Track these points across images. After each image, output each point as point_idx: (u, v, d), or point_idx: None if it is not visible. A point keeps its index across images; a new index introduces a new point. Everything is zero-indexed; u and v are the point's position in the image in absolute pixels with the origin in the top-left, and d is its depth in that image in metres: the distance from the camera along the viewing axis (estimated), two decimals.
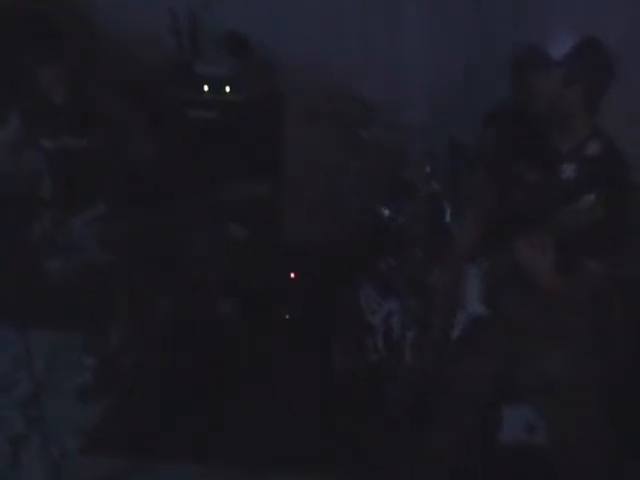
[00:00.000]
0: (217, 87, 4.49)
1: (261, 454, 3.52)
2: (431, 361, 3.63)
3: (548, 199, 3.02)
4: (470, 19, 4.44)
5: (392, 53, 4.63)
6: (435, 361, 3.57)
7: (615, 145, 3.02)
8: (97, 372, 3.82)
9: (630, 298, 3.31)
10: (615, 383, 3.14)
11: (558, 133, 3.06)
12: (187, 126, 4.51)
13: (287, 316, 4.35)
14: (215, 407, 3.76)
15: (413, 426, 3.42)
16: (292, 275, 4.49)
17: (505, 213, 3.18)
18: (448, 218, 3.82)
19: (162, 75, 4.58)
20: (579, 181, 2.99)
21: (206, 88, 4.50)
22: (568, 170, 3.02)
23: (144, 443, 3.56)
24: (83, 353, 3.89)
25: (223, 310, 4.29)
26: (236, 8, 4.58)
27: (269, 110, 4.64)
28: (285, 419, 3.71)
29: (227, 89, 4.47)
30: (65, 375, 3.82)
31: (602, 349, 3.10)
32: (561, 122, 3.03)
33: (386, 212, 4.00)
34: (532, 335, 3.01)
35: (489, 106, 3.86)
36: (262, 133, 4.56)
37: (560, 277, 2.86)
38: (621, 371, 3.31)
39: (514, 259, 2.95)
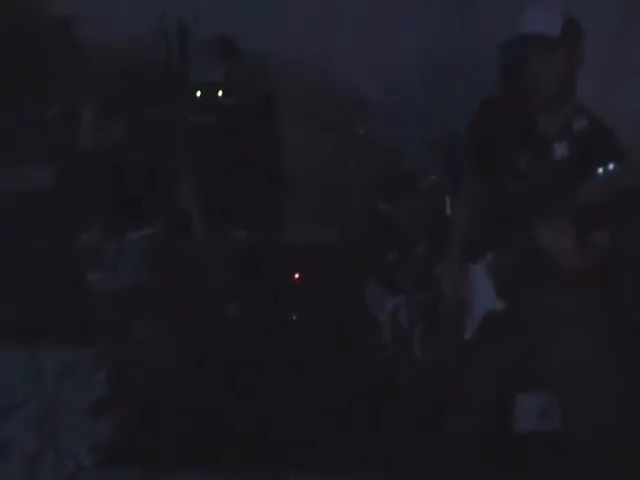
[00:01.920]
0: (210, 92, 4.49)
1: (275, 459, 3.51)
2: (441, 356, 3.62)
3: (545, 180, 3.02)
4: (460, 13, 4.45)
5: (386, 48, 4.62)
6: (446, 356, 3.56)
7: (599, 117, 3.04)
8: (109, 386, 3.82)
9: None
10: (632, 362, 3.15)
11: (543, 114, 3.07)
12: (182, 132, 4.51)
13: (294, 317, 4.35)
14: (226, 413, 3.75)
15: (426, 421, 3.42)
16: (296, 276, 4.49)
17: (504, 201, 3.18)
18: (449, 210, 3.81)
19: (154, 83, 4.58)
20: (574, 157, 2.99)
21: (199, 94, 4.50)
22: (560, 149, 3.03)
23: (159, 457, 3.55)
24: (94, 368, 3.89)
25: (230, 314, 4.28)
26: (226, 11, 4.57)
27: (263, 112, 4.64)
28: (298, 421, 3.70)
29: (220, 94, 4.47)
30: (76, 391, 3.82)
31: (618, 327, 3.11)
32: (549, 102, 3.03)
33: (387, 207, 4.00)
34: (549, 320, 3.01)
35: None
36: (258, 136, 4.56)
37: (582, 255, 2.86)
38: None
39: (528, 247, 2.95)
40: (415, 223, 3.89)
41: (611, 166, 2.69)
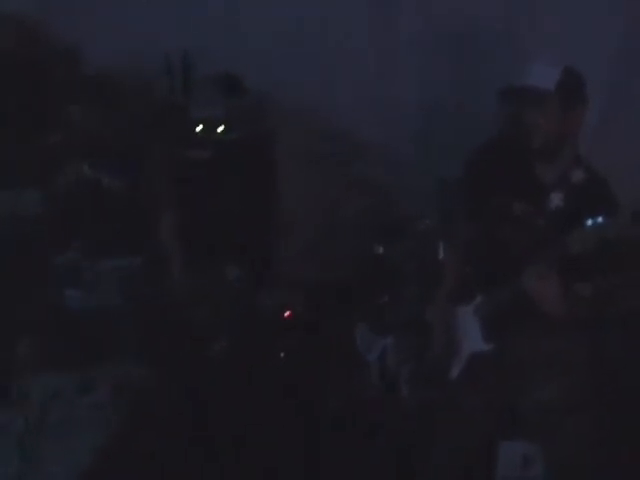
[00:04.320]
0: (210, 127, 4.53)
1: None
2: (427, 397, 3.62)
3: (538, 228, 3.05)
4: (457, 58, 4.51)
5: (383, 93, 4.67)
6: (432, 397, 3.56)
7: (597, 171, 3.08)
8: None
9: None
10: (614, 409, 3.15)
11: (542, 164, 3.12)
12: (181, 166, 4.54)
13: (282, 354, 4.34)
14: (208, 445, 3.73)
15: (409, 463, 3.41)
16: (286, 314, 4.49)
17: (495, 246, 3.21)
18: (441, 255, 3.84)
19: (155, 116, 4.62)
20: (569, 208, 3.03)
21: (199, 129, 4.54)
22: (556, 199, 3.07)
23: None
24: (80, 392, 3.88)
25: (216, 350, 4.27)
26: (230, 50, 4.63)
27: (262, 150, 4.68)
28: (281, 457, 3.68)
29: (220, 130, 4.51)
30: (61, 415, 3.80)
31: (601, 376, 3.12)
32: (548, 153, 3.08)
33: (380, 249, 4.02)
34: (534, 367, 3.03)
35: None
36: (255, 173, 4.59)
37: (565, 305, 2.89)
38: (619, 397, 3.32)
39: (515, 292, 2.97)
40: (407, 266, 3.91)
41: (600, 219, 2.74)
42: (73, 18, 4.71)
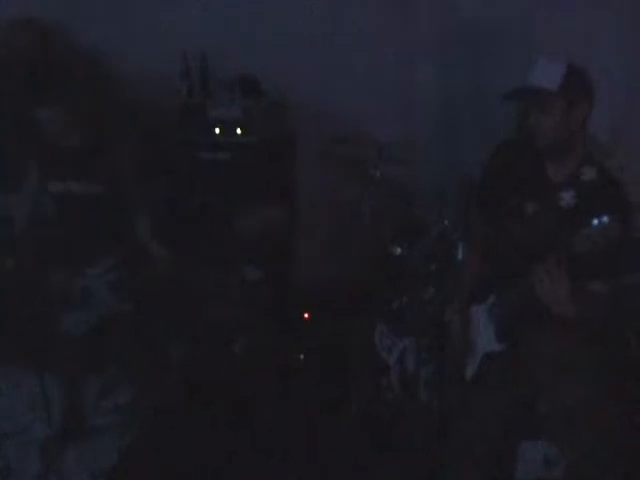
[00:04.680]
0: (229, 129, 4.54)
1: None
2: (446, 399, 3.61)
3: (550, 227, 3.05)
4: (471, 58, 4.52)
5: (403, 92, 4.68)
6: (450, 399, 3.56)
7: (606, 168, 3.07)
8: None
9: None
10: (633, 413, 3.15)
11: (552, 163, 3.11)
12: (199, 168, 4.56)
13: (301, 356, 4.35)
14: (228, 446, 3.74)
15: (429, 464, 3.41)
16: (305, 315, 4.50)
17: (509, 246, 3.21)
18: (460, 256, 3.83)
19: (174, 118, 4.64)
20: (580, 206, 3.03)
21: (217, 130, 4.55)
22: (567, 197, 3.06)
23: None
24: (100, 397, 3.90)
25: (236, 351, 4.28)
26: (248, 52, 4.64)
27: (281, 152, 4.69)
28: (302, 460, 3.69)
29: (238, 131, 4.52)
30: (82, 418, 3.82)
31: (617, 377, 3.12)
32: (556, 152, 3.08)
33: (398, 250, 4.02)
34: (548, 367, 3.02)
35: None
36: (274, 175, 4.60)
37: (575, 304, 2.88)
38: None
39: (526, 292, 2.97)
40: (426, 267, 3.90)
41: (605, 218, 2.73)
42: (92, 21, 4.73)
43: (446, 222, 3.93)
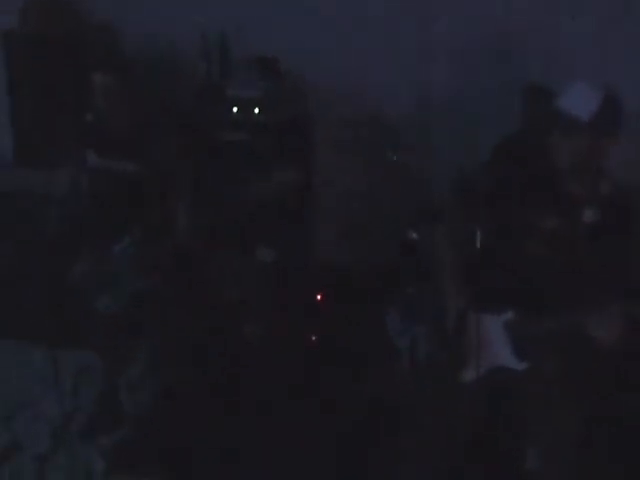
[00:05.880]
0: (246, 109, 4.53)
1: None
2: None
3: (572, 244, 3.00)
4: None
5: (421, 79, 4.64)
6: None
7: (620, 182, 3.03)
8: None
9: None
10: None
11: (573, 178, 3.04)
12: (217, 146, 4.56)
13: (313, 338, 4.35)
14: (238, 429, 3.75)
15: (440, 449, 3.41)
16: (318, 297, 4.49)
17: (528, 263, 3.13)
18: (478, 244, 3.79)
19: (193, 96, 4.64)
20: (604, 222, 2.97)
21: (235, 110, 4.55)
22: (592, 213, 3.00)
23: (172, 465, 3.56)
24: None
25: (249, 331, 4.28)
26: (267, 33, 4.62)
27: (297, 133, 4.68)
28: (312, 446, 3.69)
29: (256, 111, 4.52)
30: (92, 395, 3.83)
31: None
32: (580, 172, 3.01)
33: (415, 236, 4.00)
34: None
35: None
36: (290, 155, 4.59)
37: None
38: None
39: (570, 326, 2.92)
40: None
41: None
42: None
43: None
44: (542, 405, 3.03)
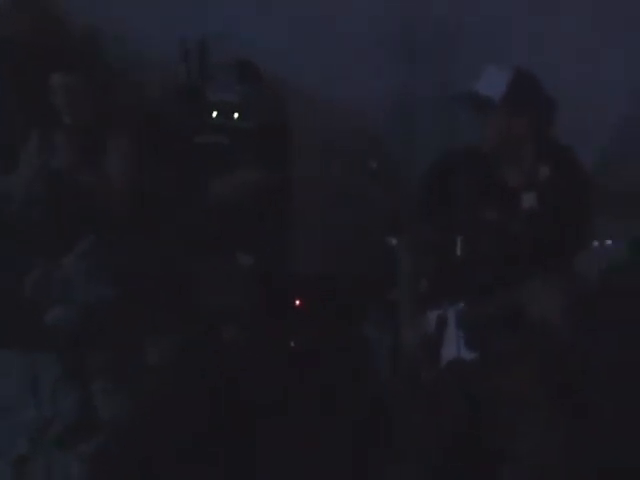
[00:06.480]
0: (226, 113, 4.52)
1: None
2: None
3: (515, 232, 3.03)
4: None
5: (402, 85, 4.65)
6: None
7: (564, 163, 3.08)
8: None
9: None
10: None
11: (507, 165, 3.09)
12: (195, 151, 4.54)
13: (292, 344, 4.34)
14: (220, 437, 3.73)
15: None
16: (297, 302, 4.49)
17: (474, 255, 3.18)
18: (459, 251, 3.80)
19: (172, 100, 4.62)
20: (543, 208, 3.02)
21: (215, 114, 4.54)
22: (528, 200, 3.04)
23: (150, 471, 3.54)
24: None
25: (226, 337, 4.27)
26: (248, 38, 4.61)
27: (277, 139, 4.67)
28: (294, 451, 3.68)
29: (236, 115, 4.51)
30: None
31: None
32: (505, 156, 3.06)
33: (394, 242, 4.00)
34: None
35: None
36: (269, 161, 4.58)
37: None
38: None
39: (508, 302, 2.95)
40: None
41: (609, 242, 2.72)
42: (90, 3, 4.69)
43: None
44: (496, 394, 3.05)
